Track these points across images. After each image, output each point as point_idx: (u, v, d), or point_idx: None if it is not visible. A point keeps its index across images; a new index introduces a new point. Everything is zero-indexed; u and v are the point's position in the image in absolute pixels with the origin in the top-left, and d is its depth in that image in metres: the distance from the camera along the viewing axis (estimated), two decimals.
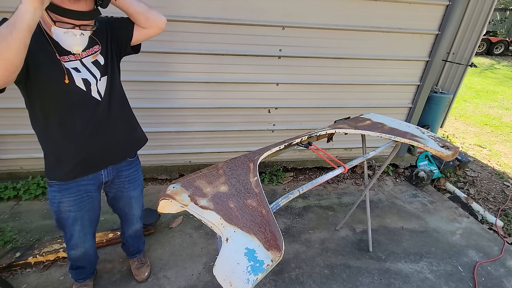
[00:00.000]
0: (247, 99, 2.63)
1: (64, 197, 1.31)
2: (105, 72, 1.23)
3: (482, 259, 2.20)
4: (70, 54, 1.12)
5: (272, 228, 0.88)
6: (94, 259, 1.66)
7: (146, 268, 1.87)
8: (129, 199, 1.57)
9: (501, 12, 13.71)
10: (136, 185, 1.56)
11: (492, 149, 4.26)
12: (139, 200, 1.63)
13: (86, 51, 1.17)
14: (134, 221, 1.68)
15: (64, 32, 1.01)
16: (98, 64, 1.21)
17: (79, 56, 1.16)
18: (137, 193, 1.58)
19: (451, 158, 1.54)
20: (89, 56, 1.19)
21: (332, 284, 1.92)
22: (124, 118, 1.40)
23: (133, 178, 1.53)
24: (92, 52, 1.19)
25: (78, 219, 1.38)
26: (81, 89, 1.16)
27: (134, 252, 1.85)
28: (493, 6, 3.24)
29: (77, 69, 1.15)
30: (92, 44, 1.18)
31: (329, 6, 2.37)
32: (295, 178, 3.11)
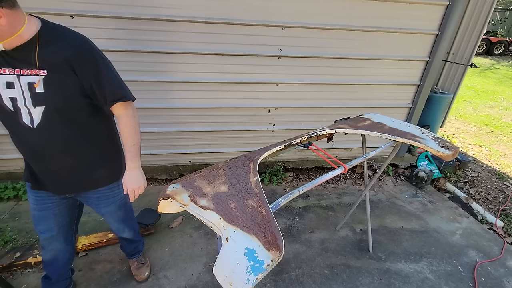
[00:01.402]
0: (247, 99, 2.63)
1: (30, 193, 1.30)
2: (41, 102, 1.07)
3: (482, 259, 2.20)
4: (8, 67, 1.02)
5: (272, 228, 0.88)
6: (62, 271, 1.54)
7: (146, 268, 1.87)
8: (101, 214, 1.50)
9: (501, 12, 13.70)
10: (107, 203, 1.44)
11: (492, 149, 4.26)
12: (114, 216, 1.53)
13: (29, 70, 1.03)
14: (115, 231, 1.65)
15: None
16: (33, 89, 1.05)
17: (19, 71, 1.04)
18: (110, 209, 1.48)
19: (451, 158, 1.54)
20: (28, 76, 1.04)
21: (332, 284, 1.92)
22: (73, 158, 1.22)
23: (104, 196, 1.40)
24: (34, 73, 1.04)
25: (42, 219, 1.35)
26: (8, 108, 1.06)
27: (132, 253, 1.84)
28: (493, 6, 3.24)
29: (11, 85, 1.04)
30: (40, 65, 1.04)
31: (329, 6, 2.37)
32: (295, 178, 3.10)
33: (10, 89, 1.04)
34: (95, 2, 2.03)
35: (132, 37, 2.18)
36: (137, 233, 1.78)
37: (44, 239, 1.41)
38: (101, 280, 1.83)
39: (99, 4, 2.04)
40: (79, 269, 1.88)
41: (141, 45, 2.22)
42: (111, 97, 1.17)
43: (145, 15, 2.12)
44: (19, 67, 1.03)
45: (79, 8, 2.02)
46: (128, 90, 1.24)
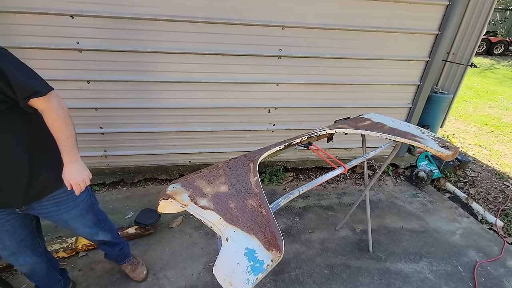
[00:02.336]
0: (247, 99, 2.63)
1: None
2: None
3: (482, 259, 2.20)
4: None
5: (272, 228, 0.88)
6: (47, 279, 1.49)
7: (142, 267, 1.84)
8: (64, 222, 1.36)
9: (501, 12, 13.70)
10: (69, 207, 1.32)
11: (492, 149, 4.26)
12: (80, 220, 1.41)
13: None
14: (88, 238, 1.54)
15: None
16: None
17: None
18: (73, 214, 1.36)
19: (451, 158, 1.54)
20: None
21: (332, 284, 1.92)
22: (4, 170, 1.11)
23: (61, 200, 1.29)
24: None
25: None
26: None
27: (121, 257, 1.77)
28: (493, 6, 3.23)
29: None
30: None
31: (329, 6, 2.37)
32: (295, 178, 3.10)
33: None
34: (94, 2, 2.03)
35: (132, 37, 2.18)
36: (116, 234, 1.68)
37: (7, 257, 1.31)
38: (101, 280, 1.83)
39: (99, 4, 2.04)
40: (79, 269, 1.88)
41: (141, 45, 2.22)
42: (22, 94, 1.04)
43: (145, 15, 2.12)
44: None
45: (79, 8, 2.02)
46: (42, 81, 1.09)
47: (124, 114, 2.46)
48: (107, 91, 2.34)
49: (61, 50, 2.13)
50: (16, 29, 2.01)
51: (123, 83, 2.32)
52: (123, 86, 2.34)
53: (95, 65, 2.22)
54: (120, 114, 2.45)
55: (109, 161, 2.65)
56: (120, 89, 2.35)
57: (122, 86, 2.35)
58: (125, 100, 2.40)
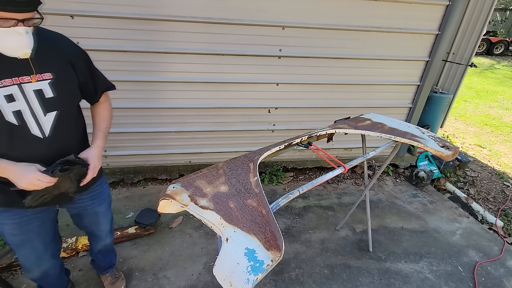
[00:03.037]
0: (247, 99, 2.63)
1: (7, 219, 1.13)
2: (54, 107, 1.03)
3: (482, 259, 2.20)
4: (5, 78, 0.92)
5: (272, 228, 0.88)
6: (56, 282, 1.47)
7: (121, 282, 1.74)
8: (94, 215, 1.41)
9: (501, 12, 13.71)
10: (101, 200, 1.39)
11: (492, 149, 4.26)
12: (106, 215, 1.47)
13: (31, 75, 0.96)
14: (103, 237, 1.53)
15: (5, 32, 0.83)
16: (43, 95, 1.00)
17: (18, 80, 0.94)
18: (103, 208, 1.42)
19: (451, 158, 1.54)
20: (32, 83, 0.97)
21: (332, 284, 1.92)
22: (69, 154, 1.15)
23: (97, 193, 1.35)
24: (39, 79, 0.98)
25: (26, 242, 1.21)
26: (11, 123, 0.95)
27: (106, 266, 1.71)
28: (493, 6, 3.24)
29: (12, 97, 0.94)
30: (41, 69, 0.98)
31: (329, 6, 2.37)
32: (295, 178, 3.10)
33: (13, 102, 0.94)
34: (95, 2, 2.03)
35: (132, 37, 2.18)
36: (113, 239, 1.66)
37: (30, 263, 1.28)
38: (101, 280, 1.82)
39: (99, 4, 2.04)
40: (79, 269, 1.88)
41: (141, 45, 2.22)
42: (102, 87, 1.25)
43: (145, 15, 2.12)
44: (18, 75, 0.94)
45: (79, 8, 2.02)
46: None
47: (124, 114, 2.46)
48: None
49: None
50: None
51: (123, 83, 2.32)
52: (123, 86, 2.34)
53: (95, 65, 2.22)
54: (120, 114, 2.45)
55: (109, 161, 2.65)
56: (120, 89, 2.31)
57: (122, 86, 2.34)
58: (125, 100, 2.40)
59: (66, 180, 1.07)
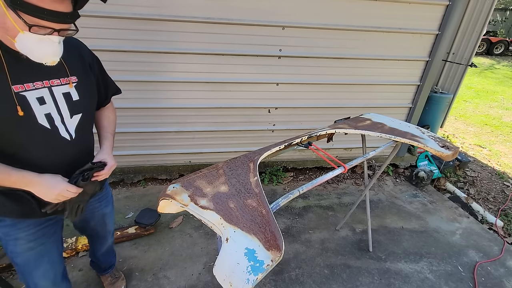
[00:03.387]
0: (247, 99, 2.63)
1: (21, 231, 1.05)
2: (79, 110, 1.05)
3: (482, 259, 2.20)
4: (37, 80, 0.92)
5: (272, 228, 0.88)
6: None
7: (121, 282, 1.74)
8: (101, 217, 1.42)
9: (501, 12, 13.71)
10: (107, 202, 1.41)
11: (492, 149, 4.26)
12: (111, 216, 1.49)
13: (60, 79, 0.98)
14: (108, 237, 1.55)
15: (39, 39, 0.81)
16: (70, 98, 1.01)
17: (48, 83, 0.95)
18: (109, 208, 1.44)
19: (451, 158, 1.54)
20: (62, 86, 0.98)
21: (332, 284, 1.92)
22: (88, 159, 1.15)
23: (103, 195, 1.37)
24: (66, 82, 1.00)
25: (44, 255, 1.13)
26: (44, 127, 0.95)
27: (106, 268, 1.71)
28: (493, 6, 3.24)
29: (43, 99, 0.94)
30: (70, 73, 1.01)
31: (329, 6, 2.37)
32: (295, 178, 3.10)
33: (44, 104, 0.94)
34: (94, 2, 2.02)
35: (132, 37, 2.18)
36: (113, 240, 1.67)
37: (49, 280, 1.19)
38: (100, 280, 1.82)
39: (99, 4, 2.03)
40: (79, 269, 1.88)
41: (141, 45, 2.22)
42: (112, 91, 1.29)
43: (145, 15, 2.12)
44: (48, 78, 0.95)
45: None
46: None
47: (124, 114, 2.45)
48: None
49: None
50: None
51: (123, 83, 2.30)
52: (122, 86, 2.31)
53: None
54: (120, 114, 2.41)
55: None
56: None
57: (122, 86, 2.30)
58: (125, 100, 2.39)
59: (90, 184, 1.09)
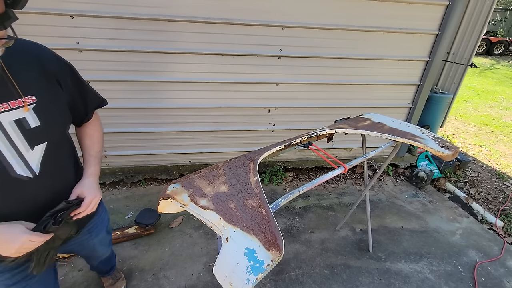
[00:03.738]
0: (247, 99, 2.63)
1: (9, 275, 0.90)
2: (41, 138, 0.83)
3: (482, 259, 2.20)
4: None
5: (272, 228, 0.88)
6: None
7: (121, 282, 1.75)
8: (92, 247, 1.27)
9: (501, 12, 13.70)
10: (99, 230, 1.24)
11: (492, 149, 4.26)
12: (104, 241, 1.33)
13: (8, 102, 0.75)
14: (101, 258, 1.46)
15: None
16: (24, 126, 0.79)
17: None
18: (101, 236, 1.27)
19: (451, 158, 1.54)
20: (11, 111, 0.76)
21: (332, 284, 1.92)
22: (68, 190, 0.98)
23: (94, 225, 1.19)
24: (17, 106, 0.77)
25: None
26: None
27: (108, 270, 1.68)
28: (493, 6, 3.24)
29: None
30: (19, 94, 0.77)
31: (329, 6, 2.37)
32: (295, 178, 3.10)
33: None
34: (95, 2, 2.03)
35: (132, 37, 2.18)
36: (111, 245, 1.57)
37: None
38: (100, 280, 1.82)
39: (99, 4, 2.04)
40: (79, 269, 1.88)
41: (141, 45, 2.22)
42: (93, 104, 1.06)
43: (145, 15, 2.12)
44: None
45: (79, 8, 2.02)
46: None
47: (124, 114, 2.46)
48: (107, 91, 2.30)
49: (61, 50, 2.10)
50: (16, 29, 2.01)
51: (123, 83, 2.32)
52: (123, 86, 2.34)
53: (95, 65, 2.22)
54: (120, 114, 2.45)
55: (109, 161, 2.65)
56: (120, 89, 2.35)
57: (122, 86, 2.35)
58: (125, 100, 2.40)
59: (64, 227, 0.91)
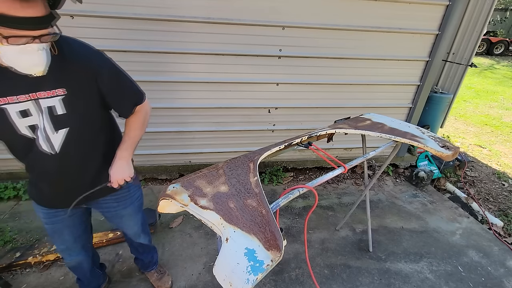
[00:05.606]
0: (247, 99, 2.63)
1: (40, 209, 1.22)
2: (64, 124, 1.00)
3: (482, 259, 2.20)
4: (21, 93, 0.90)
5: (272, 228, 0.88)
6: (90, 274, 1.53)
7: (168, 277, 1.82)
8: (119, 218, 1.42)
9: (501, 12, 13.70)
10: (127, 203, 1.39)
11: (492, 149, 4.26)
12: (134, 218, 1.46)
13: (46, 91, 0.93)
14: (133, 237, 1.56)
15: (20, 49, 0.78)
16: (52, 112, 0.97)
17: (35, 95, 0.92)
18: (129, 211, 1.41)
19: (451, 158, 1.54)
20: (47, 99, 0.94)
21: (332, 284, 1.92)
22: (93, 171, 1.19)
23: (122, 197, 1.36)
24: (51, 95, 0.94)
25: (56, 232, 1.28)
26: (26, 137, 0.97)
27: (149, 264, 1.78)
28: (493, 6, 3.23)
29: (27, 112, 0.93)
30: (55, 84, 0.94)
31: (329, 6, 2.37)
32: (295, 178, 3.10)
33: (27, 117, 0.94)
34: (95, 2, 2.03)
35: (132, 37, 2.18)
36: (150, 238, 1.70)
37: (61, 251, 1.37)
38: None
39: (99, 4, 2.04)
40: None
41: (141, 45, 2.22)
42: (133, 101, 1.18)
43: (145, 15, 2.12)
44: (33, 90, 0.91)
45: (79, 8, 2.01)
46: (140, 88, 1.23)
47: None
48: None
49: None
50: None
51: None
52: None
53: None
54: None
55: None
56: None
57: None
58: None
59: None
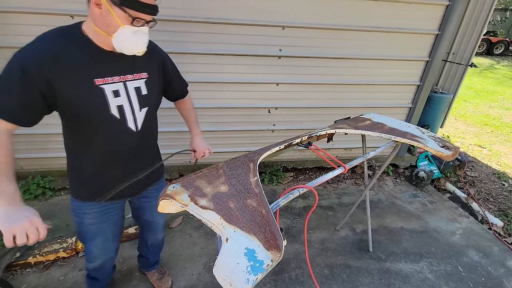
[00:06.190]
0: (247, 99, 2.63)
1: (89, 208, 1.22)
2: (146, 103, 1.15)
3: (482, 259, 2.20)
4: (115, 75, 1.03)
5: (272, 228, 0.88)
6: (111, 272, 1.58)
7: (168, 277, 1.82)
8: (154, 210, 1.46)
9: (501, 12, 13.70)
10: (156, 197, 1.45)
11: (492, 149, 4.26)
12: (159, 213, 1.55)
13: (133, 74, 1.08)
14: (158, 229, 1.61)
15: (135, 31, 0.94)
16: (140, 92, 1.11)
17: (124, 78, 1.06)
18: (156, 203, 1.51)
19: (451, 158, 1.54)
20: (134, 81, 1.08)
21: (332, 284, 1.92)
22: (154, 151, 1.36)
23: (160, 186, 1.47)
24: (138, 78, 1.09)
25: (101, 231, 1.30)
26: (115, 116, 1.06)
27: (152, 264, 1.78)
28: (493, 6, 3.23)
29: (118, 92, 1.05)
30: (141, 69, 1.11)
31: (329, 6, 2.37)
32: (295, 178, 3.10)
33: (117, 97, 1.04)
34: None
35: None
36: None
37: (99, 251, 1.37)
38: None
39: None
40: (79, 269, 1.88)
41: None
42: (186, 84, 1.43)
43: None
44: (123, 73, 1.05)
45: (79, 8, 2.02)
46: None
47: None
48: None
49: None
50: (16, 29, 2.01)
51: None
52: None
53: None
54: None
55: None
56: None
57: None
58: None
59: None
